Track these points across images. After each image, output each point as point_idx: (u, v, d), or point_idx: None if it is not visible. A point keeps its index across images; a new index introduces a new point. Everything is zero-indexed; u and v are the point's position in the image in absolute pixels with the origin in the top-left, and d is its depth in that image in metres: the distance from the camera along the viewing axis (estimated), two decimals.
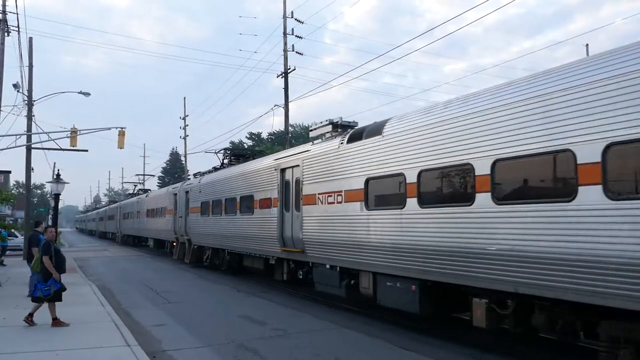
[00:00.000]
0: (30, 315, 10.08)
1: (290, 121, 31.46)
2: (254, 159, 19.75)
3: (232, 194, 18.17)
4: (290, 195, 13.73)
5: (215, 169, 22.26)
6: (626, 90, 6.00)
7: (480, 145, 7.91)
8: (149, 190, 46.57)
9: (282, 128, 30.79)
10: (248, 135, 63.30)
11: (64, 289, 10.45)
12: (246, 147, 61.36)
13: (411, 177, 9.32)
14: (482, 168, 7.81)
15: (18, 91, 27.60)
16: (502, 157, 7.53)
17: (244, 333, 9.99)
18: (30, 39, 29.36)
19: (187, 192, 24.35)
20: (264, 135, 60.99)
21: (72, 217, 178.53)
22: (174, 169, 72.21)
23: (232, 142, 62.04)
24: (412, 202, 9.29)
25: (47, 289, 9.95)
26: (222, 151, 22.56)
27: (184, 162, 56.88)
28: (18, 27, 25.36)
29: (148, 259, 30.31)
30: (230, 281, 18.32)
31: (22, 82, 27.90)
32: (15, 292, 14.73)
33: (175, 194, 26.86)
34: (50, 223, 23.93)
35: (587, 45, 34.37)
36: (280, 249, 14.19)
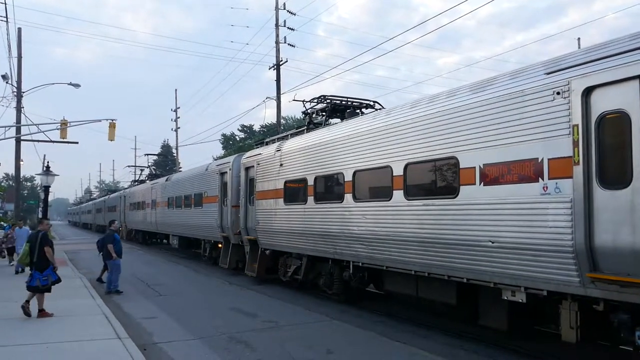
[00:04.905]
0: (27, 302, 10.17)
1: (283, 113, 31.40)
2: (361, 112, 13.56)
3: (373, 162, 10.17)
4: None
5: (308, 128, 14.51)
6: None
7: None
8: (159, 175, 39.74)
9: (274, 120, 30.71)
10: (240, 128, 63.12)
11: (60, 281, 10.66)
12: (238, 139, 61.07)
13: None
14: None
15: (7, 82, 27.39)
16: None
17: (235, 325, 9.99)
18: (19, 30, 29.16)
19: (248, 169, 16.61)
20: (256, 127, 60.79)
21: (63, 209, 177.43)
22: (165, 162, 71.67)
23: (223, 135, 61.86)
24: None
25: (45, 279, 10.11)
26: (317, 100, 14.49)
27: (175, 154, 56.51)
28: (6, 17, 25.16)
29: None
30: (221, 274, 18.29)
31: (11, 73, 27.69)
32: (5, 285, 14.65)
33: (224, 173, 18.96)
34: (40, 216, 23.77)
35: (578, 39, 34.53)
36: None
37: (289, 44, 29.76)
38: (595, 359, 7.71)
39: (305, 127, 14.72)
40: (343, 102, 14.24)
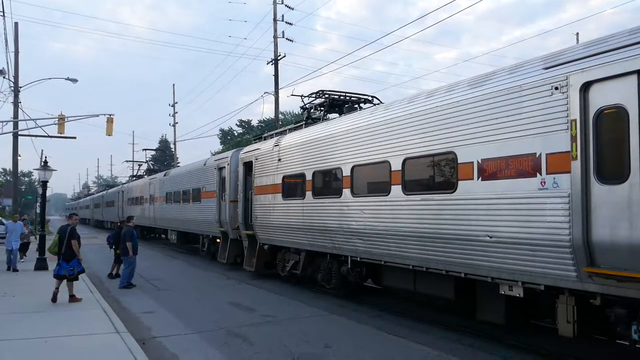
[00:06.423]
0: (57, 289, 11.12)
1: (281, 109, 31.39)
2: (359, 107, 13.55)
3: (371, 157, 10.10)
4: None
5: (307, 123, 14.35)
6: None
7: None
8: (156, 170, 39.13)
9: (273, 115, 30.69)
10: (238, 123, 63.08)
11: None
12: (236, 134, 60.98)
13: None
14: None
15: (4, 77, 27.28)
16: None
17: (233, 320, 10.02)
18: (16, 24, 29.05)
19: (247, 164, 16.64)
20: (254, 122, 60.78)
21: (60, 205, 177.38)
22: (163, 157, 71.63)
23: (222, 130, 61.82)
24: None
25: (71, 269, 11.09)
26: (315, 95, 14.47)
27: (173, 149, 56.47)
28: (3, 11, 25.05)
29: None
30: (220, 269, 18.31)
31: (9, 68, 27.61)
32: (3, 281, 14.65)
33: (222, 168, 18.95)
34: (38, 211, 23.73)
35: (577, 34, 34.49)
36: None
37: (287, 39, 29.66)
38: (591, 354, 7.75)
39: (304, 122, 14.55)
40: (341, 97, 14.13)
